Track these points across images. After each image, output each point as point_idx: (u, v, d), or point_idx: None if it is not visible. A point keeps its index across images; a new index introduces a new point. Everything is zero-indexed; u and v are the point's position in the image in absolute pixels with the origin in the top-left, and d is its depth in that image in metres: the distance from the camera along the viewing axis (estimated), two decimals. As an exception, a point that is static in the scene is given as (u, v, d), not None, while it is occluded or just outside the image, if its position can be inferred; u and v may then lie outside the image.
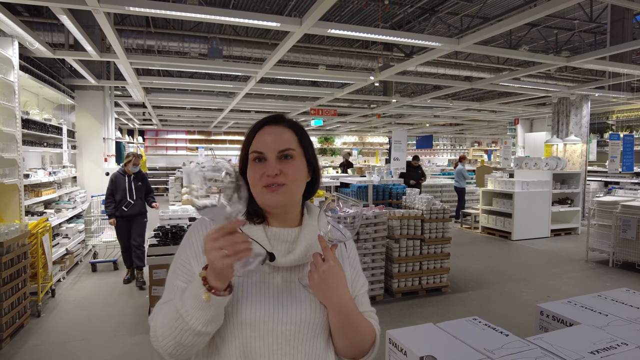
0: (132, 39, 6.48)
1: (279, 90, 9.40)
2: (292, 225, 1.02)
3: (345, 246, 1.07)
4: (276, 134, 0.98)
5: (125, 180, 5.34)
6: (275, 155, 0.95)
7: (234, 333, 0.93)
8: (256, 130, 0.99)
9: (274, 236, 0.99)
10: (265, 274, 0.96)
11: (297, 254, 0.96)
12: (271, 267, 0.95)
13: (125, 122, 15.06)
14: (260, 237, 0.96)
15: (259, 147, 0.96)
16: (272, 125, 1.00)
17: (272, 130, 0.99)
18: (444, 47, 5.51)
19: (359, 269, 1.10)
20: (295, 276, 0.97)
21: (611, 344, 1.09)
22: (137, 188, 5.40)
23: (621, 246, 6.07)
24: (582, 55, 6.32)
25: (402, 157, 8.61)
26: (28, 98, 6.17)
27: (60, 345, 3.67)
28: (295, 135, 1.00)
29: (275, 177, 0.93)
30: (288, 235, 1.00)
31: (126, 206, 5.30)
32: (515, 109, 12.43)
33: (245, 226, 0.96)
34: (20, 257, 3.91)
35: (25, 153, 5.21)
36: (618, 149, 8.90)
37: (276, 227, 1.00)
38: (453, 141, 22.75)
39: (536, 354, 1.05)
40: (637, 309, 1.35)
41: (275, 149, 0.95)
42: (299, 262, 0.96)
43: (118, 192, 5.29)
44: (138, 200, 5.39)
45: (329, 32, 4.93)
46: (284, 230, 1.00)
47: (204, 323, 0.86)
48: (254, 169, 0.96)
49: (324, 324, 0.96)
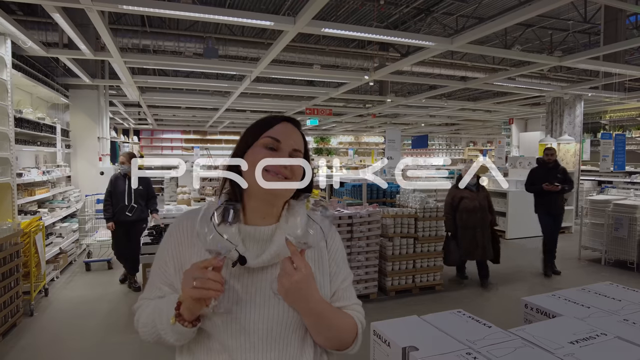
0: (127, 39, 6.47)
1: (275, 89, 9.42)
2: (269, 223, 1.02)
3: (325, 242, 1.06)
4: (294, 133, 1.04)
5: (125, 183, 5.01)
6: (288, 151, 1.00)
7: (211, 331, 0.94)
8: (277, 121, 1.04)
9: (248, 236, 0.99)
10: (237, 273, 0.95)
11: (269, 255, 0.96)
12: (243, 267, 0.95)
13: (121, 121, 15.02)
14: (233, 238, 0.94)
15: (279, 136, 1.00)
16: (291, 124, 1.05)
17: (292, 129, 1.04)
18: (438, 46, 5.54)
19: (340, 262, 1.09)
20: (268, 274, 0.96)
21: (591, 334, 1.11)
22: (137, 192, 5.00)
23: (613, 244, 6.11)
24: (575, 55, 6.38)
25: (396, 156, 8.63)
26: (21, 97, 6.15)
27: (53, 344, 3.67)
28: (302, 141, 1.05)
29: (284, 169, 0.97)
30: (263, 234, 1.00)
31: (129, 211, 4.96)
32: (510, 109, 12.50)
33: (220, 226, 0.94)
34: (12, 256, 3.90)
35: (19, 152, 5.19)
36: (610, 148, 8.98)
37: (251, 226, 1.00)
38: (448, 141, 22.81)
39: (517, 344, 1.07)
40: (619, 301, 1.37)
41: (292, 144, 1.01)
42: (271, 262, 0.96)
43: (115, 194, 5.00)
44: (139, 206, 5.02)
45: (322, 31, 4.95)
46: (258, 229, 1.00)
47: (175, 339, 0.92)
48: (264, 154, 0.98)
49: (297, 323, 0.96)
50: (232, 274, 0.95)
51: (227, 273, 0.94)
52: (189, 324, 0.88)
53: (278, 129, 1.02)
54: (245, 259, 0.93)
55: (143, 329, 0.98)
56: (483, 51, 6.32)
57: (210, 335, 0.95)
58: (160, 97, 10.16)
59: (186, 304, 0.86)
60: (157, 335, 0.94)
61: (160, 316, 0.92)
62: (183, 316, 0.88)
